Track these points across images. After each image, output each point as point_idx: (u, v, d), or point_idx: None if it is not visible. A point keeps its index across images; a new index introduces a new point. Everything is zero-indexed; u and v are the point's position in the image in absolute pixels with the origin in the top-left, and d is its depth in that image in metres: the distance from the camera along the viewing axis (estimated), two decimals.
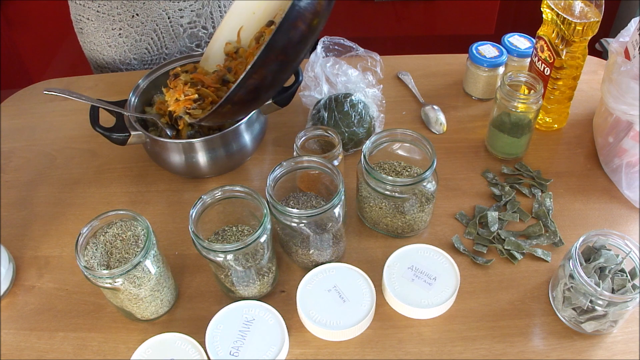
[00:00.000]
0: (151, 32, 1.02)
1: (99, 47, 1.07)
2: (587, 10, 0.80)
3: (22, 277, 0.78)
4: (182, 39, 1.04)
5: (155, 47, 1.04)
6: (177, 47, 1.05)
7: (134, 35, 1.02)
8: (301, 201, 0.76)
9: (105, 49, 1.06)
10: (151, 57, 1.06)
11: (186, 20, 1.02)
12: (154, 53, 1.05)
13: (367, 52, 0.94)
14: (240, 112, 0.76)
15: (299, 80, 0.86)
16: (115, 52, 1.06)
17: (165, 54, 1.06)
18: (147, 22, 1.01)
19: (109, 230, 0.68)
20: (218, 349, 0.65)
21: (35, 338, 0.71)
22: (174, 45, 1.04)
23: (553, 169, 0.87)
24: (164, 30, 1.02)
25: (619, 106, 0.76)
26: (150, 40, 1.03)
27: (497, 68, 0.95)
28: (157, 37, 1.02)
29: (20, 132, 1.01)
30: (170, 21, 1.01)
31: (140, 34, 1.02)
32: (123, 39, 1.03)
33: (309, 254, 0.73)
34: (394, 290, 0.70)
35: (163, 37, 1.03)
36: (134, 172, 0.91)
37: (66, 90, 0.79)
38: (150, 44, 1.03)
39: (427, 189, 0.74)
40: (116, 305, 0.69)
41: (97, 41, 1.06)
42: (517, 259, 0.75)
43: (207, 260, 0.67)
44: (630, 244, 0.65)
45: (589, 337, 0.67)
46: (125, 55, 1.06)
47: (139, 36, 1.02)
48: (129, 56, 1.06)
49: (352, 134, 0.86)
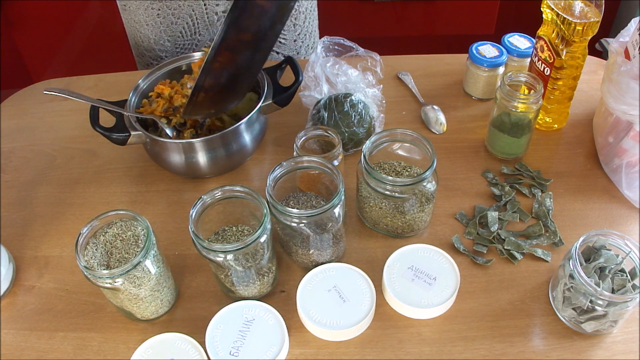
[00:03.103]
0: (187, 16, 1.03)
1: (138, 25, 1.09)
2: (587, 10, 0.80)
3: (22, 277, 0.78)
4: (215, 26, 1.05)
5: (189, 31, 1.05)
6: (209, 35, 1.06)
7: (171, 17, 1.04)
8: (301, 201, 0.76)
9: (143, 26, 1.08)
10: (184, 42, 1.08)
11: (221, 8, 1.04)
12: (187, 38, 1.07)
13: (367, 52, 0.94)
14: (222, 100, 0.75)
15: (299, 80, 0.86)
16: (151, 32, 1.08)
17: (198, 40, 1.08)
18: (184, 6, 1.03)
19: (109, 230, 0.68)
20: (218, 349, 0.65)
21: (35, 338, 0.71)
22: (206, 32, 1.05)
23: (553, 169, 0.87)
24: (199, 17, 1.04)
25: (619, 106, 0.76)
26: (185, 24, 1.05)
27: (497, 68, 0.95)
28: (192, 22, 1.04)
29: (20, 132, 1.01)
30: (206, 7, 1.03)
31: (177, 17, 1.04)
32: (161, 19, 1.05)
33: (309, 254, 0.73)
34: (394, 290, 0.70)
35: (197, 23, 1.05)
36: (134, 172, 0.91)
37: (66, 90, 0.79)
38: (184, 28, 1.05)
39: (427, 189, 0.74)
40: (116, 305, 0.69)
41: (137, 18, 1.08)
42: (517, 259, 0.75)
43: (207, 260, 0.67)
44: (630, 244, 0.65)
45: (589, 337, 0.67)
46: (159, 36, 1.08)
47: (175, 19, 1.04)
48: (163, 37, 1.08)
49: (352, 134, 0.86)
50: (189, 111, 0.74)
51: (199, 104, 0.72)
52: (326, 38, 0.94)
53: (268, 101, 0.86)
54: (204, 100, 0.71)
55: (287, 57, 0.91)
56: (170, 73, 0.92)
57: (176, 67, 0.93)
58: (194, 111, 0.75)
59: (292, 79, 0.86)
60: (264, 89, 0.87)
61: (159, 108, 0.85)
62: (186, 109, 0.73)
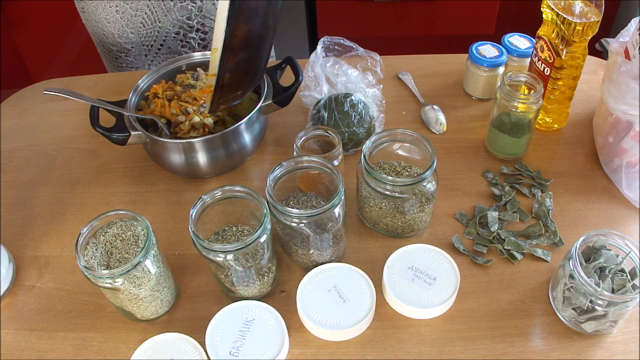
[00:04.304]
0: (144, 7, 1.08)
1: (99, 24, 1.13)
2: (587, 10, 0.80)
3: (22, 277, 0.78)
4: (173, 12, 1.10)
5: (149, 21, 1.10)
6: (169, 21, 1.11)
7: (129, 11, 1.08)
8: (301, 201, 0.76)
9: (105, 25, 1.12)
10: (146, 31, 1.13)
11: None
12: (148, 27, 1.12)
13: (367, 52, 0.94)
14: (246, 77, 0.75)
15: (299, 80, 0.86)
16: (114, 28, 1.12)
17: (159, 27, 1.12)
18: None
19: (109, 230, 0.68)
20: (218, 349, 0.65)
21: (35, 338, 0.71)
22: (166, 19, 1.10)
23: (553, 169, 0.87)
24: (156, 5, 1.08)
25: (619, 106, 0.76)
26: (144, 15, 1.09)
27: (497, 68, 0.95)
28: (150, 12, 1.09)
29: (20, 132, 1.01)
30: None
31: (135, 9, 1.08)
32: (120, 15, 1.09)
33: (309, 254, 0.73)
34: (394, 290, 0.70)
35: (156, 12, 1.09)
36: (134, 172, 0.91)
37: (66, 90, 0.79)
38: (144, 19, 1.10)
39: (427, 189, 0.74)
40: (116, 305, 0.69)
41: (97, 18, 1.12)
42: (517, 259, 0.75)
43: (207, 260, 0.67)
44: (630, 244, 0.65)
45: (589, 337, 0.67)
46: (122, 30, 1.12)
47: (134, 12, 1.09)
48: (126, 30, 1.12)
49: (352, 134, 0.86)
50: (217, 100, 0.74)
51: (225, 88, 0.72)
52: (326, 38, 0.94)
53: (268, 101, 0.86)
54: (230, 82, 0.71)
55: (287, 57, 0.91)
56: (170, 73, 0.92)
57: (176, 67, 0.93)
58: (222, 97, 0.75)
59: (292, 79, 0.86)
60: (264, 89, 0.88)
61: (158, 108, 0.85)
62: (213, 99, 0.73)
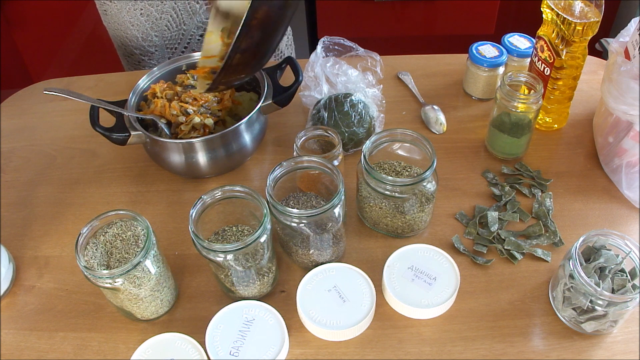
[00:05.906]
0: (170, 10, 1.07)
1: (122, 27, 1.12)
2: (587, 10, 0.80)
3: (22, 277, 0.78)
4: (198, 14, 1.09)
5: (174, 23, 1.09)
6: (194, 23, 1.10)
7: (154, 13, 1.08)
8: (301, 201, 0.76)
9: (129, 28, 1.11)
10: (171, 34, 1.12)
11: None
12: (173, 29, 1.11)
13: (367, 52, 0.94)
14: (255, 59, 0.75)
15: (299, 80, 0.86)
16: (138, 31, 1.11)
17: (184, 30, 1.11)
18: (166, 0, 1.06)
19: (109, 230, 0.68)
20: (218, 349, 0.65)
21: (35, 338, 0.71)
22: (191, 21, 1.09)
23: (553, 169, 0.87)
24: (182, 8, 1.07)
25: (619, 106, 0.76)
26: (169, 17, 1.08)
27: (497, 68, 0.95)
28: (175, 14, 1.08)
29: (20, 132, 1.01)
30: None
31: (160, 12, 1.07)
32: (145, 18, 1.08)
33: (309, 254, 0.73)
34: (394, 290, 0.70)
35: (181, 14, 1.08)
36: (134, 172, 0.91)
37: (66, 90, 0.79)
38: (169, 21, 1.09)
39: (427, 189, 0.74)
40: (116, 305, 0.69)
41: (120, 21, 1.11)
42: (517, 259, 0.75)
43: (207, 260, 0.67)
44: (630, 244, 0.65)
45: (589, 337, 0.67)
46: (147, 33, 1.11)
47: (159, 14, 1.08)
48: (150, 34, 1.11)
49: (352, 134, 0.86)
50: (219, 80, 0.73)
51: (232, 69, 0.72)
52: (326, 38, 0.94)
53: (268, 101, 0.86)
54: (238, 64, 0.71)
55: (287, 57, 0.91)
56: (171, 73, 0.92)
57: (176, 67, 0.93)
58: (226, 78, 0.74)
59: (292, 79, 0.86)
60: (264, 89, 0.88)
61: (158, 108, 0.85)
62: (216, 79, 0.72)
